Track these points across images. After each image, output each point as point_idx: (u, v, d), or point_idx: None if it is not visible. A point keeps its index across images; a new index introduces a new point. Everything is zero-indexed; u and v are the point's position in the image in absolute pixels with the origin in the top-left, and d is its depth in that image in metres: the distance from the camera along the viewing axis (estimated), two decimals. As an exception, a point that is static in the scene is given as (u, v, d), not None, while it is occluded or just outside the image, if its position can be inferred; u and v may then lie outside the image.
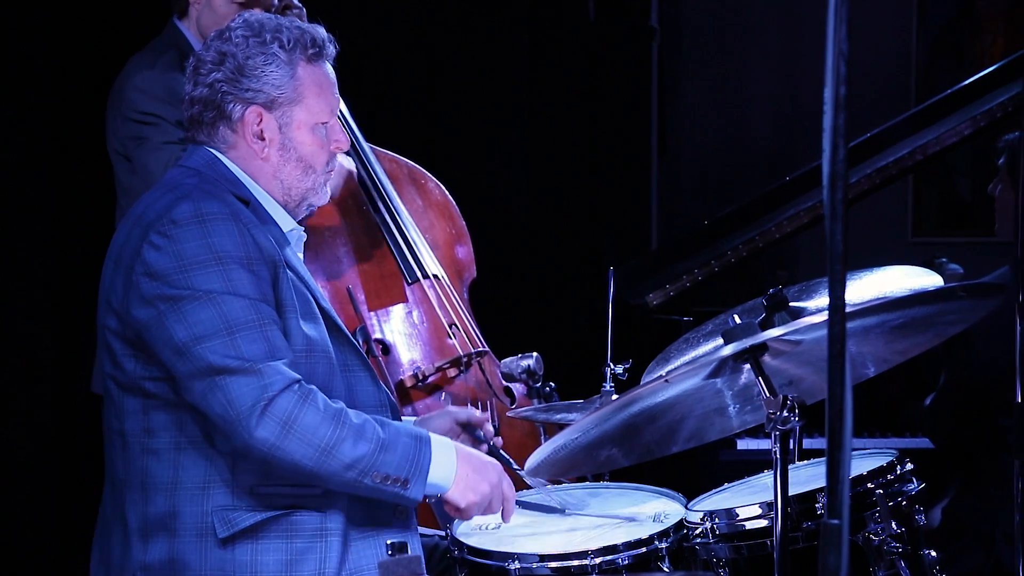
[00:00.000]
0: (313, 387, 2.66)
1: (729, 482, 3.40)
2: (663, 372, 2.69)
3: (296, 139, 2.85)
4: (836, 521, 1.92)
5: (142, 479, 2.75)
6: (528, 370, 3.93)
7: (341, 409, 2.66)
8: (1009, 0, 6.80)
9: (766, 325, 3.25)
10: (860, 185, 4.81)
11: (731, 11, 6.82)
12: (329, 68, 2.90)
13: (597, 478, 3.70)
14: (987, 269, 4.43)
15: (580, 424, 2.85)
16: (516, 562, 3.04)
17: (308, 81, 2.84)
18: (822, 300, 3.28)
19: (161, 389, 2.72)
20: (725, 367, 2.73)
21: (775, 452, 2.59)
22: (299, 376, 2.65)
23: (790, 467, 3.42)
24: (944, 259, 5.12)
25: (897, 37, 6.82)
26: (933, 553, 3.01)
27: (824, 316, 2.59)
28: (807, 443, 3.67)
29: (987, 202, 6.73)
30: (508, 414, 3.89)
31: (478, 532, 3.20)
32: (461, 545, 3.10)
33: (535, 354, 3.94)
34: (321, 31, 2.89)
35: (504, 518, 2.97)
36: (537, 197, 5.83)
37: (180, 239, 2.67)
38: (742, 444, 4.75)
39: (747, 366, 2.74)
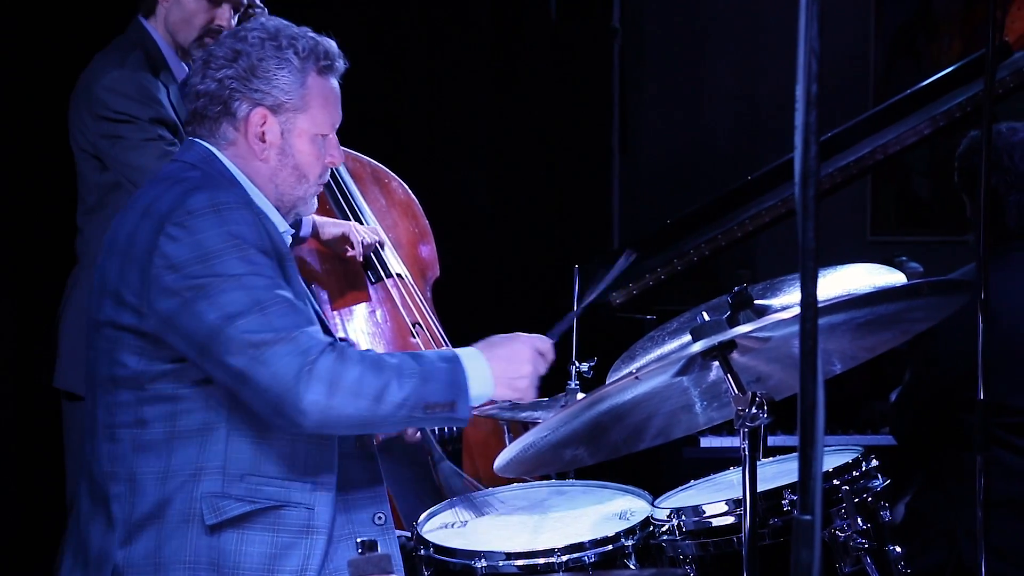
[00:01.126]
0: (344, 343, 2.72)
1: (694, 479, 3.41)
2: (633, 369, 2.69)
3: (296, 146, 2.88)
4: (808, 517, 1.92)
5: (131, 471, 2.75)
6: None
7: (377, 355, 2.70)
8: (965, 2, 6.85)
9: (732, 323, 3.27)
10: (821, 184, 4.81)
11: (691, 11, 6.83)
12: (336, 83, 2.94)
13: (562, 476, 3.70)
14: (945, 267, 4.46)
15: (549, 422, 2.86)
16: (482, 560, 3.04)
17: (316, 92, 2.88)
18: (786, 298, 3.30)
19: (161, 382, 2.73)
20: (694, 364, 2.74)
21: (744, 449, 2.59)
22: (331, 339, 2.71)
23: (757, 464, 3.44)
24: (904, 257, 5.15)
25: (855, 38, 6.86)
26: (898, 549, 3.03)
27: (793, 313, 2.60)
28: (771, 440, 3.69)
29: (944, 201, 6.82)
30: (473, 412, 3.88)
31: (443, 530, 3.20)
32: (427, 543, 3.10)
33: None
34: (334, 45, 2.93)
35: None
36: (500, 196, 5.84)
37: (198, 229, 2.69)
38: (705, 442, 4.76)
39: (715, 363, 2.74)
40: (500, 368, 2.82)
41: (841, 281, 3.31)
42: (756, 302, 3.23)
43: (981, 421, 3.48)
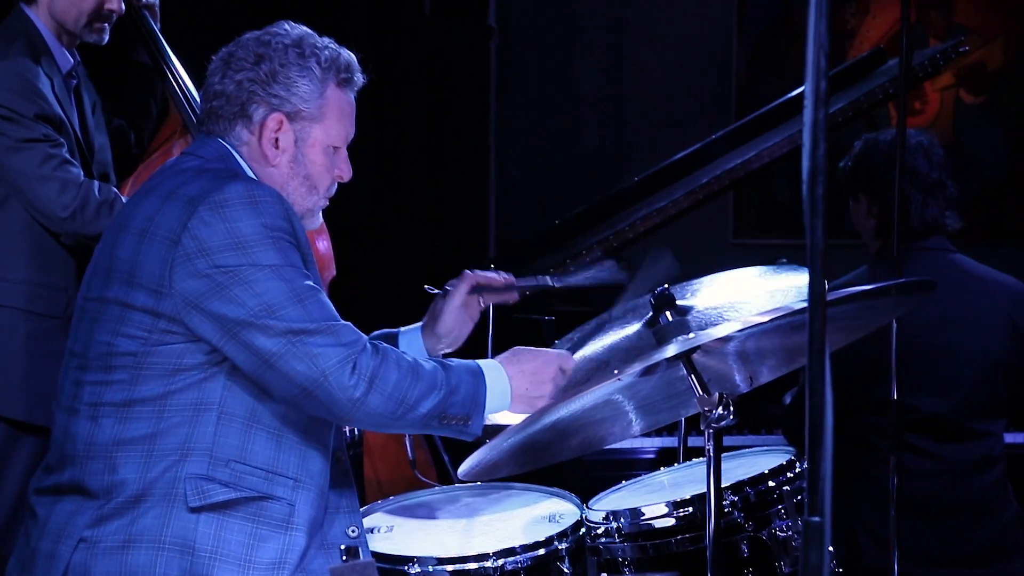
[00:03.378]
0: (381, 343, 2.74)
1: (615, 481, 3.40)
2: (615, 371, 2.65)
3: (308, 156, 2.88)
4: (818, 519, 1.90)
5: (111, 450, 2.70)
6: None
7: (413, 362, 2.73)
8: (823, 9, 6.97)
9: (653, 323, 3.26)
10: (710, 187, 4.85)
11: (558, 12, 6.84)
12: (352, 97, 2.94)
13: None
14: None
15: (511, 429, 2.83)
16: (415, 566, 2.99)
17: (333, 103, 2.88)
18: (700, 299, 3.29)
19: (162, 361, 2.70)
20: (659, 366, 2.72)
21: (708, 450, 2.58)
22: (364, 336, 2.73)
23: (684, 466, 3.46)
24: (784, 259, 5.19)
25: (718, 44, 6.95)
26: (831, 548, 3.05)
27: (772, 315, 2.60)
28: (691, 441, 3.69)
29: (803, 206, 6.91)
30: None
31: (371, 535, 3.13)
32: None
33: (399, 353, 3.88)
34: (355, 59, 2.94)
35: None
36: (377, 194, 5.75)
37: (233, 217, 2.67)
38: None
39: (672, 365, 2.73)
40: (521, 384, 2.85)
41: (763, 284, 3.34)
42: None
43: (895, 422, 3.53)
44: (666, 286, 3.24)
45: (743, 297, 3.34)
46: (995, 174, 7.04)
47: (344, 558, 2.05)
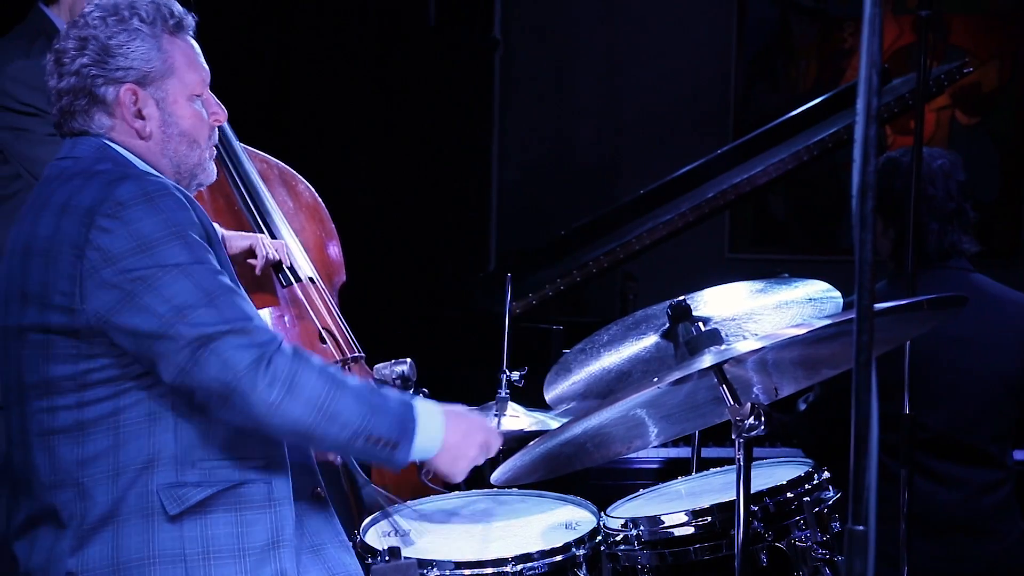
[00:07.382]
0: (303, 349, 2.60)
1: (622, 490, 3.42)
2: (655, 379, 2.67)
3: (176, 113, 2.78)
4: (862, 528, 1.93)
5: (76, 476, 2.63)
6: (402, 376, 3.88)
7: (337, 371, 2.61)
8: (821, 28, 7.05)
9: (669, 335, 3.30)
10: (715, 201, 4.91)
11: (557, 29, 6.89)
12: (192, 40, 2.83)
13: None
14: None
15: (547, 434, 2.85)
16: (434, 569, 3.00)
17: (175, 53, 2.77)
18: (708, 311, 3.32)
19: (102, 378, 2.62)
20: (692, 376, 2.75)
21: (738, 459, 2.61)
22: (282, 335, 2.61)
23: (700, 475, 3.48)
24: (787, 274, 5.23)
25: (717, 60, 7.01)
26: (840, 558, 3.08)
27: (798, 330, 2.62)
28: (705, 452, 3.72)
29: (799, 221, 7.00)
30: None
31: (388, 538, 3.14)
32: (374, 551, 3.03)
33: (408, 360, 3.89)
34: (176, 3, 2.81)
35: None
36: (381, 202, 5.77)
37: (132, 219, 2.57)
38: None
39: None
40: (453, 437, 2.71)
41: (754, 298, 3.37)
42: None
43: (907, 435, 3.56)
44: (682, 298, 3.27)
45: (751, 309, 3.38)
46: (987, 193, 7.12)
47: (387, 558, 2.05)
